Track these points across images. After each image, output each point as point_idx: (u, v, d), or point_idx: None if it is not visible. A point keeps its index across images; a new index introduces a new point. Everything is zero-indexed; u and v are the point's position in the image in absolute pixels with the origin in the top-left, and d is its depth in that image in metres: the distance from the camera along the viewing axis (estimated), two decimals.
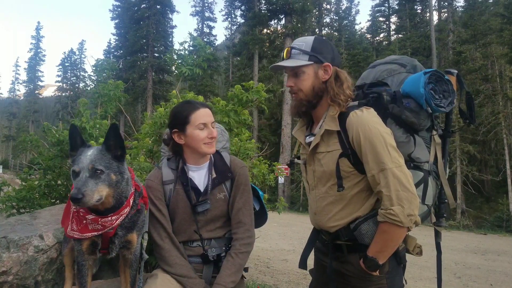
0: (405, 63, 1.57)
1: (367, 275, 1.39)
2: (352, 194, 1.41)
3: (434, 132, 1.50)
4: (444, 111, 1.44)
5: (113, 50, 33.43)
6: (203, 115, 1.63)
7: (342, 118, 1.43)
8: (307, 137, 1.58)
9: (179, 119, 1.64)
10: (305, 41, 1.52)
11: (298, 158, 1.72)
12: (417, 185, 1.39)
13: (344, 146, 1.41)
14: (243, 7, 27.19)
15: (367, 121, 1.36)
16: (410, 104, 1.41)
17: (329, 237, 1.51)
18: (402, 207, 1.27)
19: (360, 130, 1.35)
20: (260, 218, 1.87)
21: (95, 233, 1.45)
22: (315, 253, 1.67)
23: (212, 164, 1.71)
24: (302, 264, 1.65)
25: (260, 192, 1.91)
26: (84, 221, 1.45)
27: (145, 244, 1.76)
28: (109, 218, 1.44)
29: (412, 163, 1.42)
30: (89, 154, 1.39)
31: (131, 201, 1.52)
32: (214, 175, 1.68)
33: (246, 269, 1.71)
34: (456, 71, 1.54)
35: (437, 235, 1.57)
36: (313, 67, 1.48)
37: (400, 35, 30.96)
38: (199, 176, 1.69)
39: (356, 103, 1.48)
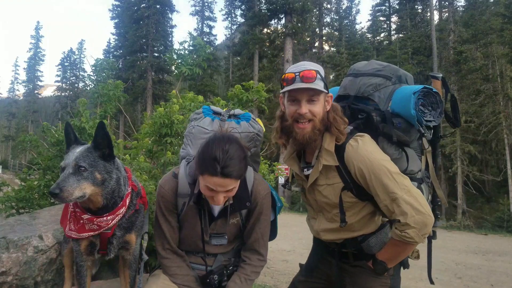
0: (390, 75, 1.55)
1: (375, 276, 1.44)
2: (356, 220, 1.45)
3: (425, 143, 1.52)
4: (435, 124, 1.46)
5: (112, 49, 33.39)
6: (215, 183, 1.32)
7: (339, 151, 1.41)
8: (304, 169, 1.54)
9: (197, 163, 1.39)
10: (319, 67, 1.45)
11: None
12: None
13: (345, 180, 1.41)
14: (243, 7, 27.17)
15: (365, 154, 1.36)
16: (401, 124, 1.43)
17: (335, 246, 1.55)
18: (417, 230, 1.29)
19: (362, 165, 1.35)
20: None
21: (92, 233, 1.45)
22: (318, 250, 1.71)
23: None
24: (309, 273, 1.68)
25: (279, 204, 1.72)
26: (81, 221, 1.45)
27: (145, 245, 1.74)
28: (105, 218, 1.44)
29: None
30: (77, 152, 1.40)
31: (127, 201, 1.51)
32: (231, 201, 1.50)
33: None
34: (441, 75, 1.57)
35: (434, 234, 1.61)
36: (323, 96, 1.44)
37: (400, 35, 30.90)
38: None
39: (349, 129, 1.45)
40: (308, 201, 1.60)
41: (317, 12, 30.42)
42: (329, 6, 34.10)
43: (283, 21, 25.03)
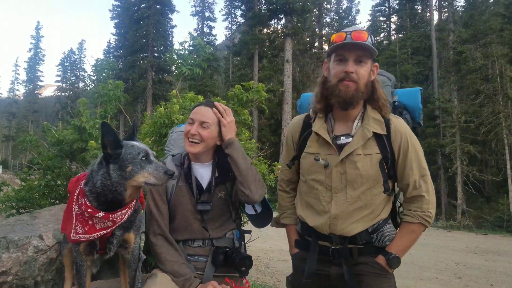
0: (389, 77, 1.71)
1: (384, 273, 1.42)
2: (381, 199, 1.45)
3: None
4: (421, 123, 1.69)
5: (113, 50, 33.42)
6: (195, 111, 1.68)
7: (384, 122, 1.47)
8: (342, 138, 1.47)
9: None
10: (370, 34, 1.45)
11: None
12: None
13: (385, 151, 1.42)
14: (243, 7, 27.18)
15: (409, 129, 1.49)
16: (407, 116, 1.60)
17: (340, 242, 1.45)
18: (434, 210, 1.43)
19: (408, 137, 1.45)
20: (264, 218, 1.81)
21: (104, 231, 1.44)
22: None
23: (215, 163, 1.72)
24: (310, 275, 1.49)
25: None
26: (91, 222, 1.43)
27: (142, 244, 1.74)
28: (119, 212, 1.44)
29: None
30: (141, 144, 1.48)
31: None
32: (217, 174, 1.69)
33: (246, 272, 1.68)
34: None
35: None
36: (371, 62, 1.45)
37: (400, 35, 30.91)
38: (203, 174, 1.71)
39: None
40: (327, 179, 1.46)
41: (317, 12, 30.43)
42: (329, 6, 34.16)
43: (283, 21, 25.04)
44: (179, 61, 3.42)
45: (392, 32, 34.19)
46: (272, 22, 26.39)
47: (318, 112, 1.54)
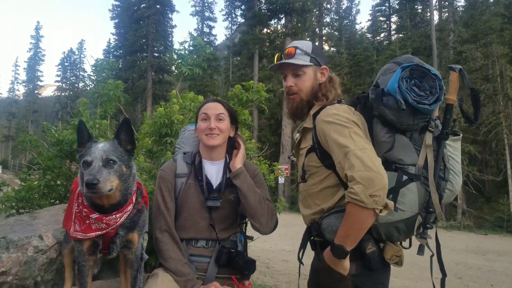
0: (402, 61, 1.46)
1: (329, 270, 1.29)
2: (319, 189, 1.43)
3: (429, 139, 1.37)
4: (428, 109, 1.32)
5: (112, 49, 33.44)
6: (207, 107, 1.71)
7: (316, 114, 1.47)
8: (296, 135, 1.63)
9: (196, 113, 1.78)
10: (305, 44, 1.56)
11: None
12: (395, 188, 1.30)
13: (313, 140, 1.44)
14: (243, 7, 27.20)
15: (333, 112, 1.37)
16: (389, 101, 1.34)
17: (306, 230, 1.54)
18: (363, 186, 1.18)
19: (326, 121, 1.37)
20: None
21: (99, 232, 1.43)
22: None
23: (227, 163, 1.73)
24: (299, 261, 1.63)
25: None
26: (87, 221, 1.43)
27: (145, 244, 1.74)
28: (113, 216, 1.43)
29: (394, 164, 1.33)
30: (101, 146, 1.41)
31: (133, 199, 1.52)
32: (228, 175, 1.70)
33: (248, 276, 1.67)
34: (459, 67, 1.42)
35: (420, 248, 1.42)
36: (313, 68, 1.53)
37: (400, 35, 30.92)
38: (214, 172, 1.72)
39: (335, 101, 1.51)
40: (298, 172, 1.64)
41: (317, 12, 30.43)
42: (329, 6, 34.17)
43: (283, 21, 25.05)
44: (179, 61, 3.42)
45: (392, 32, 34.21)
46: (272, 22, 26.43)
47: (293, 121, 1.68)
